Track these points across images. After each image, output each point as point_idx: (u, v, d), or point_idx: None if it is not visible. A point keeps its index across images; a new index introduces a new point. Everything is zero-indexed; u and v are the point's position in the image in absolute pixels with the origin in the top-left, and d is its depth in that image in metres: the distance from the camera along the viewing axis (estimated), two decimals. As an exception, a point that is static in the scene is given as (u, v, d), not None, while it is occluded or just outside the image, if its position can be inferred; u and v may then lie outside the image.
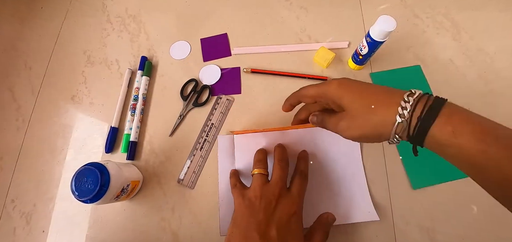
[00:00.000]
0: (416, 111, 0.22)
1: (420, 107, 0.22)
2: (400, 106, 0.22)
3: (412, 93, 0.23)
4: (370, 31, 0.37)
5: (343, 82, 0.27)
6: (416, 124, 0.22)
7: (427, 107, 0.22)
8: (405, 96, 0.23)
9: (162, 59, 0.47)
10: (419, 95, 0.23)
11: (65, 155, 0.42)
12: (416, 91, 0.23)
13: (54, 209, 0.39)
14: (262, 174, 0.32)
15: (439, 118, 0.21)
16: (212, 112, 0.42)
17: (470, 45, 0.45)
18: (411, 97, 0.23)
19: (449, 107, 0.22)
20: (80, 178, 0.30)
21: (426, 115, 0.22)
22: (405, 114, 0.22)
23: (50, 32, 0.51)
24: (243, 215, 0.29)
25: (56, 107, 0.45)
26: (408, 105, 0.22)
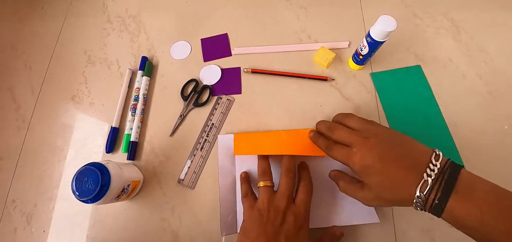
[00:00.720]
0: (429, 199, 0.25)
1: (433, 195, 0.24)
2: (416, 198, 0.25)
3: (423, 185, 0.25)
4: (370, 31, 0.37)
5: (365, 157, 0.28)
6: (431, 204, 0.25)
7: (438, 197, 0.24)
8: (418, 188, 0.25)
9: (162, 59, 0.47)
10: (429, 187, 0.24)
11: (66, 155, 0.42)
12: (435, 166, 0.25)
13: (54, 209, 0.39)
14: (268, 186, 0.32)
15: (445, 213, 0.24)
16: (213, 112, 0.42)
17: (470, 45, 0.45)
18: (431, 176, 0.25)
19: (453, 200, 0.24)
20: (81, 178, 0.30)
21: (437, 205, 0.24)
22: (422, 197, 0.25)
23: (51, 32, 0.51)
24: (253, 226, 0.30)
25: (57, 107, 0.45)
26: (423, 195, 0.24)
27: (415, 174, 0.25)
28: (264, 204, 0.30)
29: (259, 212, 0.30)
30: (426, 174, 0.25)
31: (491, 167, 0.37)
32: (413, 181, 0.25)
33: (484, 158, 0.37)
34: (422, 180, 0.25)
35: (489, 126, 0.39)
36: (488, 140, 0.38)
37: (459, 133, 0.39)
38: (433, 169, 0.25)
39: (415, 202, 0.25)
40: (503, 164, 0.37)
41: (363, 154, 0.28)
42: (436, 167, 0.25)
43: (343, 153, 0.30)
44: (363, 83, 0.43)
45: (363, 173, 0.28)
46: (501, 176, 0.36)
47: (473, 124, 0.39)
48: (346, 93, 0.43)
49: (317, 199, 0.36)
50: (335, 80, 0.44)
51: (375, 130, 0.30)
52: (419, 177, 0.25)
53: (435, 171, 0.25)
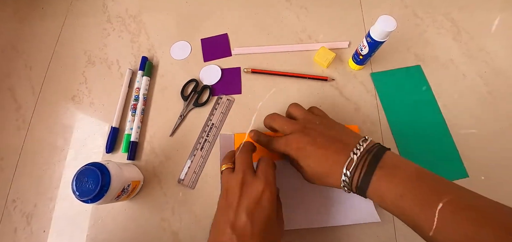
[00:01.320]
0: (355, 177, 0.27)
1: (358, 173, 0.26)
2: (343, 176, 0.27)
3: (349, 163, 0.27)
4: (370, 31, 0.37)
5: (300, 141, 0.30)
6: (357, 182, 0.27)
7: (363, 174, 0.26)
8: (345, 166, 0.27)
9: (162, 59, 0.47)
10: (354, 164, 0.26)
11: (66, 155, 0.42)
12: (361, 146, 0.27)
13: (54, 209, 0.39)
14: (229, 167, 0.31)
15: (370, 187, 0.26)
16: (213, 112, 0.42)
17: (471, 45, 0.45)
18: (356, 154, 0.27)
19: (377, 175, 0.26)
20: (81, 178, 0.30)
21: (362, 181, 0.26)
22: (348, 175, 0.27)
23: (51, 32, 0.51)
24: (218, 216, 0.29)
25: (57, 107, 0.45)
26: (348, 173, 0.27)
27: (343, 155, 0.27)
28: (224, 188, 0.30)
29: (221, 199, 0.29)
30: (352, 153, 0.27)
31: (492, 167, 0.37)
32: (340, 160, 0.27)
33: (485, 158, 0.37)
34: (348, 158, 0.27)
35: (489, 126, 0.39)
36: (489, 140, 0.38)
37: (459, 133, 0.39)
38: (359, 148, 0.27)
39: (342, 181, 0.27)
40: (504, 164, 0.37)
41: (298, 139, 0.30)
42: (362, 147, 0.27)
43: (282, 142, 0.32)
44: (363, 83, 0.43)
45: (298, 155, 0.30)
46: (500, 173, 0.37)
47: (474, 124, 0.39)
48: (346, 93, 0.43)
49: (318, 198, 0.36)
50: (335, 80, 0.44)
51: (312, 118, 0.33)
52: (346, 156, 0.27)
53: (361, 150, 0.27)
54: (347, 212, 0.35)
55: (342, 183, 0.27)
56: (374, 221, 0.34)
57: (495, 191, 0.36)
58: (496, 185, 0.36)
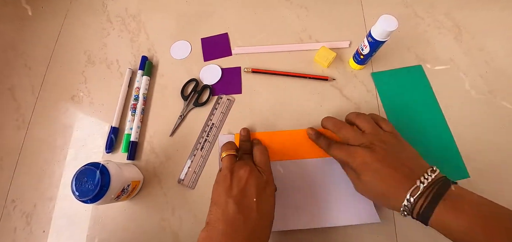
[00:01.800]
0: (418, 204, 0.27)
1: (421, 201, 0.26)
2: (405, 201, 0.27)
3: (415, 190, 0.27)
4: (371, 31, 0.36)
5: (366, 156, 0.30)
6: (419, 210, 0.27)
7: (427, 203, 0.26)
8: (410, 192, 0.27)
9: (162, 58, 0.47)
10: (419, 193, 0.26)
11: (65, 155, 0.41)
12: (430, 176, 0.27)
13: (54, 209, 0.39)
14: (232, 154, 0.33)
15: (433, 217, 0.26)
16: (213, 112, 0.42)
17: (471, 45, 0.44)
18: (423, 183, 0.27)
19: (442, 206, 0.26)
20: (81, 178, 0.30)
21: (425, 209, 0.26)
22: (411, 201, 0.27)
23: (50, 32, 0.51)
24: (219, 193, 0.30)
25: (56, 107, 0.45)
26: (412, 199, 0.27)
27: (409, 181, 0.27)
28: (228, 169, 0.31)
29: (224, 177, 0.31)
30: (419, 181, 0.27)
31: (492, 166, 0.37)
32: (405, 186, 0.27)
33: (486, 156, 0.37)
34: (414, 185, 0.27)
35: (490, 126, 0.39)
36: (489, 139, 0.38)
37: (460, 133, 0.39)
38: (427, 178, 0.27)
39: (404, 205, 0.27)
40: (505, 164, 0.37)
41: (364, 153, 0.30)
42: (430, 177, 0.27)
43: (345, 151, 0.32)
44: (364, 83, 0.43)
45: (361, 169, 0.30)
46: (501, 173, 0.37)
47: (474, 124, 0.39)
48: (346, 93, 0.42)
49: (319, 198, 0.36)
50: (336, 80, 0.43)
51: (382, 136, 0.32)
52: (413, 182, 0.27)
53: (429, 180, 0.27)
54: (347, 213, 0.35)
55: (402, 208, 0.27)
56: (374, 222, 0.34)
57: (496, 191, 0.35)
58: (497, 185, 0.36)
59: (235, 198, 0.29)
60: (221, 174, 0.31)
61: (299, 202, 0.35)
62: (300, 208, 0.35)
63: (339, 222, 0.34)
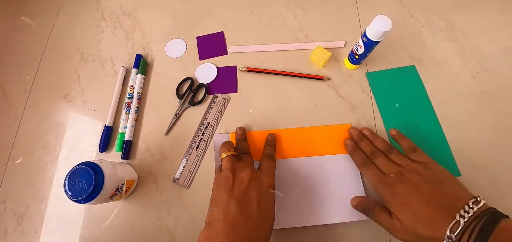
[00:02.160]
0: (465, 235, 0.23)
1: (466, 238, 0.23)
2: (446, 239, 0.24)
3: (455, 225, 0.24)
4: (366, 31, 0.37)
5: (400, 191, 0.29)
6: None
7: (476, 232, 0.23)
8: (449, 228, 0.24)
9: (157, 57, 0.47)
10: (461, 228, 0.23)
11: (58, 154, 0.41)
12: (471, 209, 0.24)
13: (47, 209, 0.38)
14: (232, 155, 0.33)
15: None
16: (208, 111, 0.42)
17: (464, 46, 0.45)
18: (464, 217, 0.24)
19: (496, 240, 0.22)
20: (74, 178, 0.29)
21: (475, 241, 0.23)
22: (452, 238, 0.24)
23: (42, 29, 0.50)
24: (220, 193, 0.30)
25: (49, 105, 0.44)
26: (453, 236, 0.24)
27: (447, 214, 0.25)
28: (229, 170, 0.31)
29: (226, 177, 0.31)
30: (458, 215, 0.24)
31: (484, 164, 0.38)
32: (443, 221, 0.25)
33: (476, 155, 0.38)
34: (454, 220, 0.24)
35: (481, 126, 0.40)
36: (480, 138, 0.39)
37: (452, 131, 0.39)
38: (468, 211, 0.24)
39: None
40: (496, 162, 0.38)
41: (395, 186, 0.29)
42: (472, 210, 0.24)
43: (377, 179, 0.31)
44: (359, 82, 0.43)
45: (393, 204, 0.29)
46: (491, 172, 0.37)
47: (466, 123, 0.40)
48: (342, 93, 0.43)
49: (313, 195, 0.36)
50: (331, 79, 0.44)
51: (414, 167, 0.30)
52: (452, 217, 0.24)
53: (470, 213, 0.24)
54: (342, 210, 0.35)
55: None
56: (369, 219, 0.34)
57: (485, 189, 0.36)
58: (487, 183, 0.37)
59: (237, 199, 0.29)
60: (223, 174, 0.31)
61: (293, 201, 0.36)
62: (295, 206, 0.35)
63: (332, 219, 0.35)
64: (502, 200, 0.35)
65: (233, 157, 0.33)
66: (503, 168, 0.37)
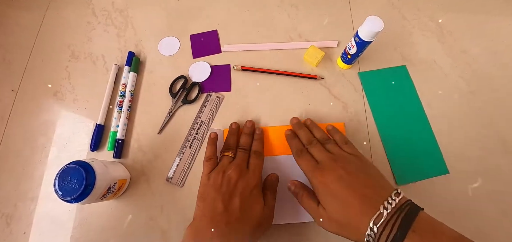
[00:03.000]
0: (383, 235, 0.24)
1: (387, 231, 0.24)
2: (369, 230, 0.24)
3: (378, 217, 0.24)
4: (358, 31, 0.37)
5: (326, 176, 0.29)
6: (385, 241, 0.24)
7: (393, 235, 0.23)
8: (372, 220, 0.24)
9: (150, 55, 0.46)
10: (383, 220, 0.24)
11: (48, 154, 0.40)
12: (394, 200, 0.25)
13: (36, 209, 0.37)
14: (230, 156, 0.35)
15: (409, 236, 0.23)
16: (202, 110, 0.42)
17: (454, 47, 0.46)
18: (387, 209, 0.24)
19: (410, 239, 0.23)
20: (64, 177, 0.29)
21: (396, 234, 0.23)
22: (374, 230, 0.24)
23: (31, 24, 0.48)
24: (209, 191, 0.32)
25: (38, 103, 0.43)
26: (375, 228, 0.24)
27: (371, 205, 0.25)
28: (222, 169, 0.33)
29: (215, 178, 0.32)
30: (382, 207, 0.24)
31: (471, 163, 0.39)
32: (367, 211, 0.25)
33: (464, 153, 0.39)
34: (377, 212, 0.24)
35: (469, 125, 0.41)
36: (469, 137, 0.40)
37: (441, 130, 0.40)
38: (391, 203, 0.25)
39: (367, 235, 0.24)
40: (482, 160, 0.39)
41: (325, 173, 0.30)
42: (394, 202, 0.25)
43: (309, 166, 0.32)
44: (351, 82, 0.44)
45: (320, 191, 0.29)
46: (479, 170, 0.38)
47: (455, 122, 0.41)
48: (334, 92, 0.43)
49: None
50: (324, 78, 0.44)
51: (346, 156, 0.31)
52: (375, 208, 0.25)
53: (393, 205, 0.24)
54: None
55: (366, 238, 0.25)
56: None
57: (473, 187, 0.37)
58: (474, 181, 0.38)
59: (223, 196, 0.31)
60: (215, 172, 0.33)
61: (287, 197, 0.36)
62: (289, 202, 0.36)
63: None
64: (490, 195, 0.37)
65: (230, 158, 0.35)
66: (490, 165, 0.39)
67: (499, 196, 0.37)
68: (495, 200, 0.37)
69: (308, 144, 0.35)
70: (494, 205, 0.36)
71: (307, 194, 0.32)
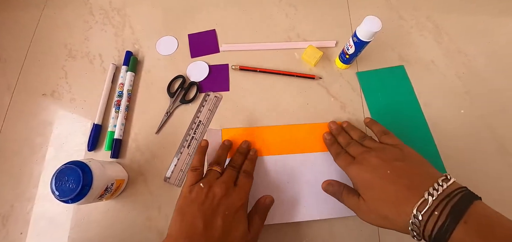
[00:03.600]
0: (429, 223, 0.21)
1: (434, 218, 0.21)
2: (412, 218, 0.22)
3: (423, 204, 0.22)
4: (356, 31, 0.37)
5: (364, 168, 0.28)
6: (431, 230, 0.21)
7: (441, 223, 0.21)
8: (416, 207, 0.22)
9: (148, 54, 0.46)
10: (428, 206, 0.22)
11: (45, 154, 0.40)
12: (441, 186, 0.22)
13: (33, 210, 0.37)
14: (217, 171, 0.33)
15: (453, 239, 0.20)
16: (200, 109, 0.42)
17: (451, 47, 0.46)
18: (433, 195, 0.22)
19: (462, 231, 0.20)
20: (61, 177, 0.28)
21: (439, 232, 0.21)
22: (418, 217, 0.22)
23: (27, 23, 0.48)
24: (189, 206, 0.29)
25: (35, 103, 0.43)
26: (420, 216, 0.22)
27: (415, 192, 0.23)
28: (207, 184, 0.30)
29: (198, 194, 0.29)
30: (427, 193, 0.22)
31: (468, 163, 0.39)
32: (409, 199, 0.23)
33: (462, 154, 0.39)
34: (421, 199, 0.22)
35: (466, 124, 0.41)
36: (466, 137, 0.40)
37: (438, 130, 0.41)
38: (438, 189, 0.22)
39: (411, 223, 0.22)
40: (480, 161, 0.39)
41: (360, 165, 0.29)
42: (441, 188, 0.22)
43: (346, 162, 0.31)
44: (349, 81, 0.44)
45: (358, 184, 0.29)
46: (476, 170, 0.39)
47: (452, 122, 0.41)
48: (333, 92, 0.43)
49: (302, 192, 0.36)
50: (322, 78, 0.44)
51: (383, 146, 0.30)
52: (419, 196, 0.22)
53: (440, 191, 0.22)
54: (332, 206, 0.35)
55: (410, 226, 0.22)
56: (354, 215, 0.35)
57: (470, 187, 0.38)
58: (472, 181, 0.38)
59: (205, 214, 0.28)
60: (198, 185, 0.30)
61: (278, 197, 0.36)
62: (281, 203, 0.36)
63: (326, 215, 0.35)
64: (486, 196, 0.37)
65: (217, 174, 0.32)
66: (486, 165, 0.39)
67: (495, 196, 0.37)
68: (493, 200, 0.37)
69: (347, 146, 0.34)
70: (492, 205, 0.37)
71: (347, 190, 0.31)
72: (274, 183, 0.37)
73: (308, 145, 0.39)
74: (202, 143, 0.35)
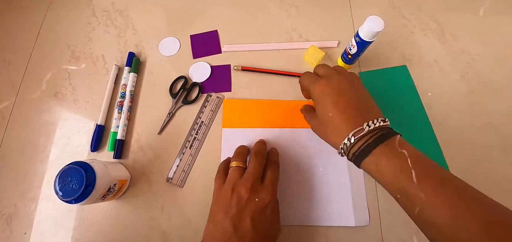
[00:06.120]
0: (356, 145, 0.26)
1: (361, 142, 0.26)
2: (346, 140, 0.26)
3: (359, 131, 0.26)
4: (359, 31, 0.37)
5: (326, 86, 0.30)
6: (351, 157, 0.27)
7: (365, 144, 0.26)
8: (352, 133, 0.26)
9: (150, 55, 0.46)
10: (362, 134, 0.26)
11: (48, 154, 0.40)
12: (378, 122, 0.26)
13: (36, 210, 0.37)
14: (240, 167, 0.32)
15: (369, 157, 0.25)
16: (202, 110, 0.42)
17: (454, 47, 0.46)
18: (369, 126, 0.26)
19: (381, 149, 0.25)
20: (64, 178, 0.29)
21: (363, 150, 0.26)
22: (351, 140, 0.26)
23: (31, 25, 0.49)
24: (219, 208, 0.30)
25: (38, 104, 0.43)
26: (353, 139, 0.26)
27: (357, 120, 0.27)
28: (231, 184, 0.30)
29: (225, 193, 0.30)
30: (366, 124, 0.26)
31: (472, 163, 0.39)
32: (351, 124, 0.27)
33: (466, 154, 0.39)
34: (360, 127, 0.26)
35: (470, 124, 0.41)
36: (469, 137, 0.40)
37: (442, 131, 0.40)
38: (376, 123, 0.26)
39: (343, 143, 0.27)
40: (483, 161, 0.39)
41: (326, 84, 0.30)
42: (378, 124, 0.26)
43: (310, 79, 0.32)
44: (352, 82, 0.44)
45: (318, 98, 0.30)
46: (479, 170, 0.38)
47: (455, 122, 0.41)
48: (335, 92, 0.43)
49: (304, 197, 0.36)
50: (325, 79, 0.44)
51: (348, 73, 0.32)
52: (358, 125, 0.26)
53: (376, 125, 0.26)
54: (336, 214, 0.35)
55: (341, 145, 0.27)
56: (362, 225, 0.35)
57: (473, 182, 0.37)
58: (475, 182, 0.37)
59: (233, 219, 0.28)
60: (224, 189, 0.31)
61: (291, 200, 0.36)
62: (294, 205, 0.36)
63: (328, 222, 0.35)
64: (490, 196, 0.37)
65: (240, 169, 0.32)
66: (490, 165, 0.38)
67: (500, 197, 0.37)
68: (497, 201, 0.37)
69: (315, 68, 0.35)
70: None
71: (309, 108, 0.34)
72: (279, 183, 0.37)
73: None
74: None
